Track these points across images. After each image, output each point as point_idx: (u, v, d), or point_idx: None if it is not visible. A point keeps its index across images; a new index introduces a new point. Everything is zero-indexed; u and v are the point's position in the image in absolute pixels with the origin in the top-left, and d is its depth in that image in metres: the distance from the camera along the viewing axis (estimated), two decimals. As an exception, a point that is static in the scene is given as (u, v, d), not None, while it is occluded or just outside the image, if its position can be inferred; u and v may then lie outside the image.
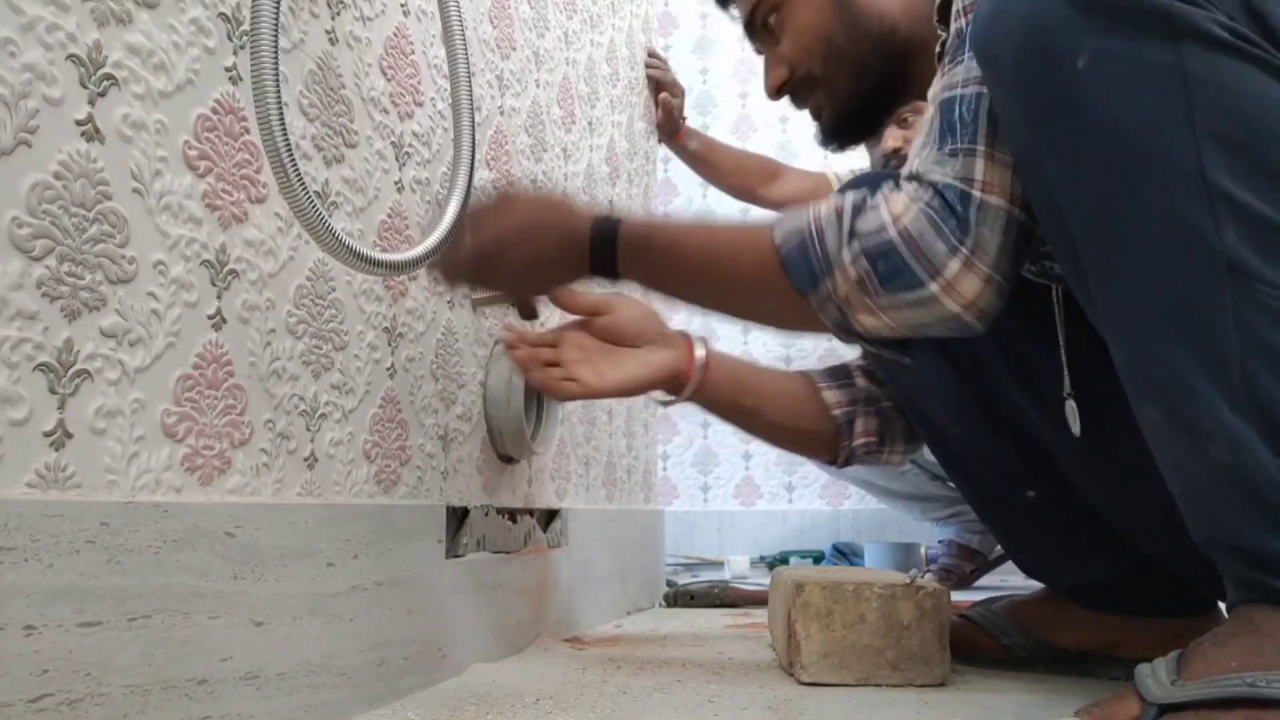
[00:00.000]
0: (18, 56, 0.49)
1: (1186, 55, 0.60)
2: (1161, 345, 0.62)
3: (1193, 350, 0.60)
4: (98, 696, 0.50)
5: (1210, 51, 0.60)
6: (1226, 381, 0.59)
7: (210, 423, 0.61)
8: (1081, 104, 0.63)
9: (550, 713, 0.74)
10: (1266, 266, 0.59)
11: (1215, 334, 0.60)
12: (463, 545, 0.93)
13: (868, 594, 0.87)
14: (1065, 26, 0.62)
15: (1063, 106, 0.63)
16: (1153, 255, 0.61)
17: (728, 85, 2.83)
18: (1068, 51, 0.62)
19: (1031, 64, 0.64)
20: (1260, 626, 0.59)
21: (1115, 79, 0.61)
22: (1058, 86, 0.63)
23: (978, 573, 2.05)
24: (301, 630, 0.66)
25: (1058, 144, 0.65)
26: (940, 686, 0.86)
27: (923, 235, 0.71)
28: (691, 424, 2.73)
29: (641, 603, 1.56)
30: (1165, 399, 0.62)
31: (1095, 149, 0.63)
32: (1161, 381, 0.62)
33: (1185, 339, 0.61)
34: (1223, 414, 0.59)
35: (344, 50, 0.78)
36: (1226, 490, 0.60)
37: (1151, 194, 0.61)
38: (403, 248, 0.85)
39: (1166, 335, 0.61)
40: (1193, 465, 0.62)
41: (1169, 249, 0.61)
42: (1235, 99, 0.60)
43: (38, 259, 0.49)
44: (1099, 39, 0.61)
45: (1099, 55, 0.61)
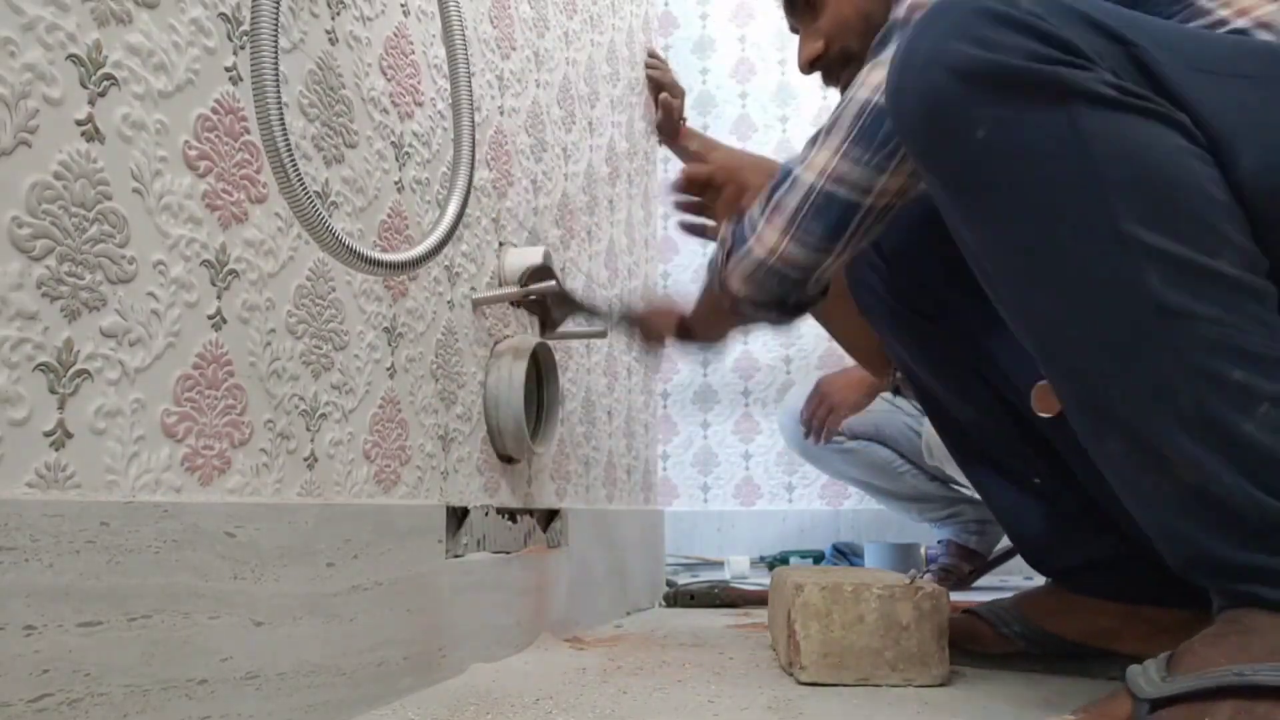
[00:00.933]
0: (18, 56, 0.49)
1: (1076, 115, 0.62)
2: (1112, 387, 0.63)
3: (1138, 387, 0.62)
4: (98, 696, 0.50)
5: (1099, 109, 0.62)
6: (1177, 410, 0.61)
7: (210, 423, 0.61)
8: (988, 173, 0.66)
9: (550, 713, 0.74)
10: (1196, 302, 0.60)
11: (1159, 373, 0.61)
12: (463, 545, 0.93)
13: (866, 595, 0.87)
14: (960, 101, 0.65)
15: (971, 177, 0.67)
16: (1083, 309, 0.64)
17: (728, 85, 2.83)
18: (966, 124, 0.65)
19: (934, 139, 0.68)
20: (1248, 626, 0.60)
21: (1016, 145, 0.64)
22: (963, 158, 0.66)
23: (976, 573, 2.05)
24: (301, 630, 0.66)
25: (972, 212, 0.68)
26: (940, 686, 0.86)
27: (753, 208, 0.91)
28: (691, 424, 2.73)
29: (641, 603, 1.56)
30: (1125, 431, 0.63)
31: (1008, 216, 0.66)
32: (1119, 416, 0.63)
33: (1129, 378, 0.62)
34: (1181, 442, 0.61)
35: (344, 50, 0.78)
36: (1197, 511, 0.61)
37: (1069, 253, 0.63)
38: (403, 248, 0.85)
39: (1115, 377, 0.63)
40: (1160, 492, 0.63)
41: (1096, 302, 0.63)
42: (1133, 149, 0.62)
43: (38, 259, 0.49)
44: (993, 109, 0.64)
45: (995, 125, 0.64)
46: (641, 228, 1.78)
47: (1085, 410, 0.66)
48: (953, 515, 2.07)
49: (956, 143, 0.66)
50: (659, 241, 2.33)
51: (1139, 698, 0.60)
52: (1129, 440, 0.63)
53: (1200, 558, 0.62)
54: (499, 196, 1.10)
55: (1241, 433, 0.59)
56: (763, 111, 2.80)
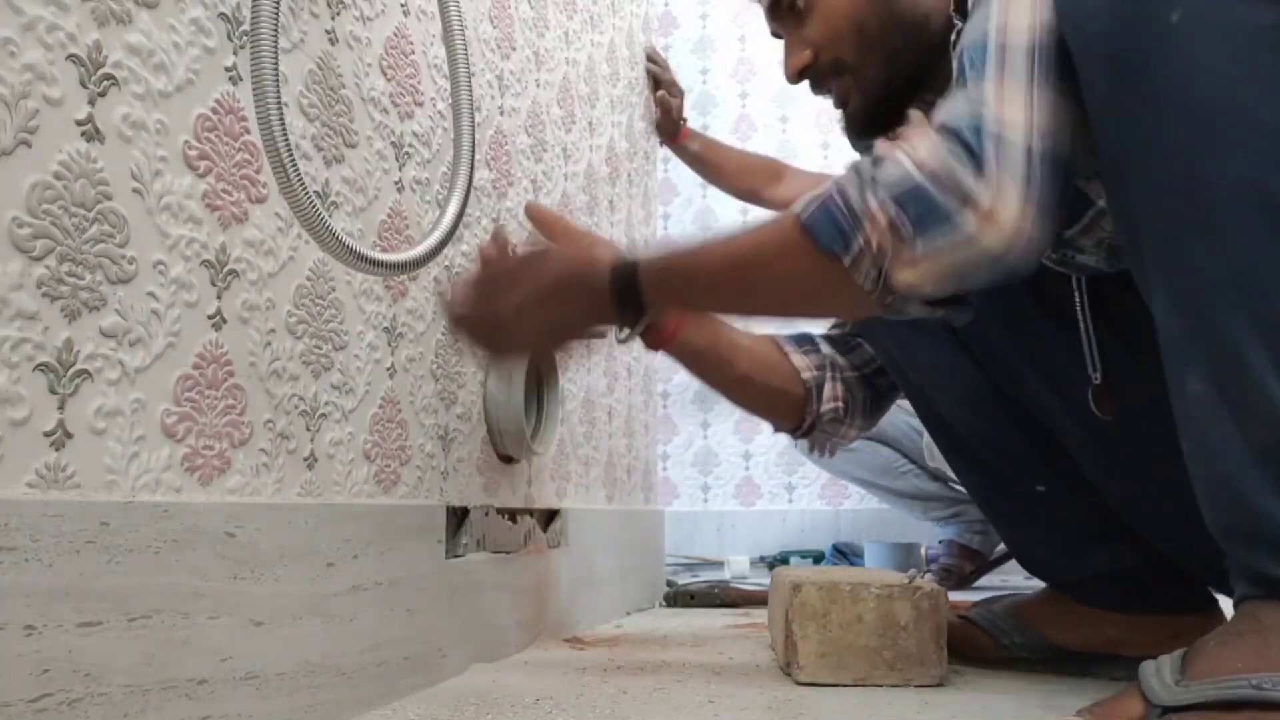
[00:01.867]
0: (18, 56, 0.49)
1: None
2: (1219, 312, 0.61)
3: (1250, 315, 0.60)
4: (98, 696, 0.50)
5: None
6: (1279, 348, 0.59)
7: (210, 423, 0.61)
8: (1171, 57, 0.61)
9: (550, 713, 0.74)
10: None
11: (1274, 298, 0.59)
12: (463, 545, 0.93)
13: (864, 594, 0.87)
14: None
15: (1151, 59, 0.62)
16: (1223, 216, 0.60)
17: (728, 85, 2.83)
18: (1162, 3, 0.61)
19: (1124, 15, 0.63)
20: (1267, 625, 0.59)
21: (1208, 34, 0.60)
22: (1148, 38, 0.62)
23: (977, 573, 2.05)
24: (301, 630, 0.66)
25: (1138, 96, 0.63)
26: (939, 686, 0.86)
27: (949, 170, 0.67)
28: (691, 424, 2.73)
29: (641, 603, 1.56)
30: (1214, 368, 0.61)
31: (1179, 103, 0.62)
32: (1213, 349, 0.61)
33: (1244, 303, 0.60)
34: (1271, 385, 0.59)
35: (344, 50, 0.78)
36: (1262, 470, 0.59)
37: (1227, 151, 0.60)
38: (403, 248, 0.85)
39: (1226, 301, 0.60)
40: (1231, 443, 0.61)
41: (1238, 209, 0.60)
42: None
43: (38, 259, 0.49)
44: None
45: (1194, 9, 0.60)
46: (641, 227, 1.78)
47: (1182, 339, 0.63)
48: (955, 515, 2.07)
49: (1147, 21, 0.61)
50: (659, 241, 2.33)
51: (1152, 702, 0.59)
52: (1216, 381, 0.61)
53: (1250, 521, 0.60)
54: (499, 196, 1.10)
55: None
56: (763, 111, 2.80)
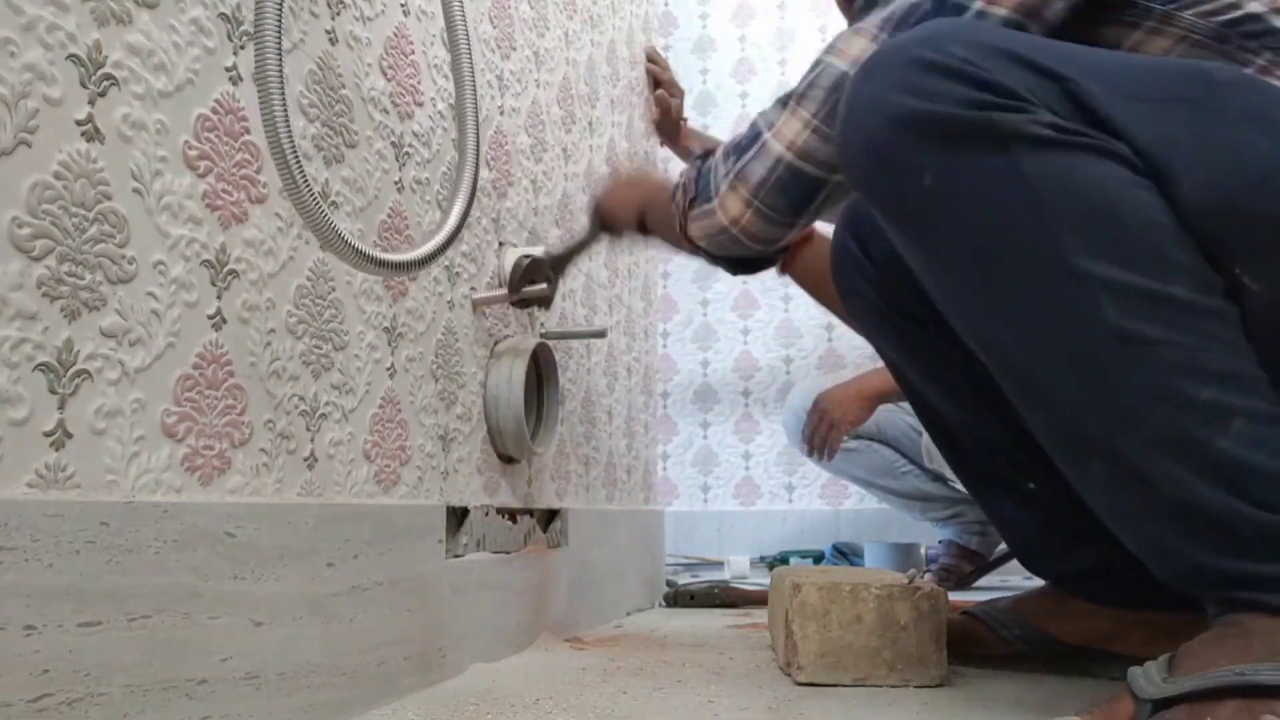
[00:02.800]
0: (18, 56, 0.49)
1: (1017, 158, 0.63)
2: (1087, 416, 0.64)
3: (1111, 415, 0.63)
4: (98, 696, 0.50)
5: (1039, 150, 0.63)
6: (1153, 433, 0.61)
7: (210, 423, 0.61)
8: (937, 218, 0.67)
9: (550, 713, 0.74)
10: (1154, 328, 0.61)
11: (1128, 398, 0.62)
12: (463, 545, 0.93)
13: (865, 594, 0.87)
14: (903, 150, 0.66)
15: (920, 222, 0.68)
16: (1044, 345, 0.65)
17: (728, 85, 2.83)
18: (912, 172, 0.66)
19: (881, 185, 0.70)
20: (1249, 628, 0.60)
21: (961, 191, 0.65)
22: (912, 204, 0.68)
23: (977, 573, 2.05)
24: (301, 630, 0.66)
25: (925, 254, 0.70)
26: (939, 687, 0.86)
27: (719, 161, 0.88)
28: (691, 424, 2.73)
29: (641, 603, 1.56)
30: (1106, 453, 0.64)
31: (960, 259, 0.67)
32: (1098, 441, 0.64)
33: (1102, 409, 0.63)
34: (1161, 462, 0.61)
35: (344, 50, 0.78)
36: (1185, 527, 0.62)
37: (1024, 292, 0.64)
38: (403, 248, 0.85)
39: (1089, 407, 0.64)
40: (1147, 510, 0.64)
41: (1057, 337, 0.64)
42: (1076, 185, 0.63)
43: (38, 259, 0.49)
44: (935, 158, 0.65)
45: (941, 172, 0.65)
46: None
47: (1062, 440, 0.68)
48: (954, 515, 2.07)
49: (903, 190, 0.68)
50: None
51: (1141, 698, 0.61)
52: (1110, 463, 0.64)
53: (1194, 571, 0.63)
54: (499, 196, 1.10)
55: (1219, 449, 0.60)
56: (763, 111, 2.80)
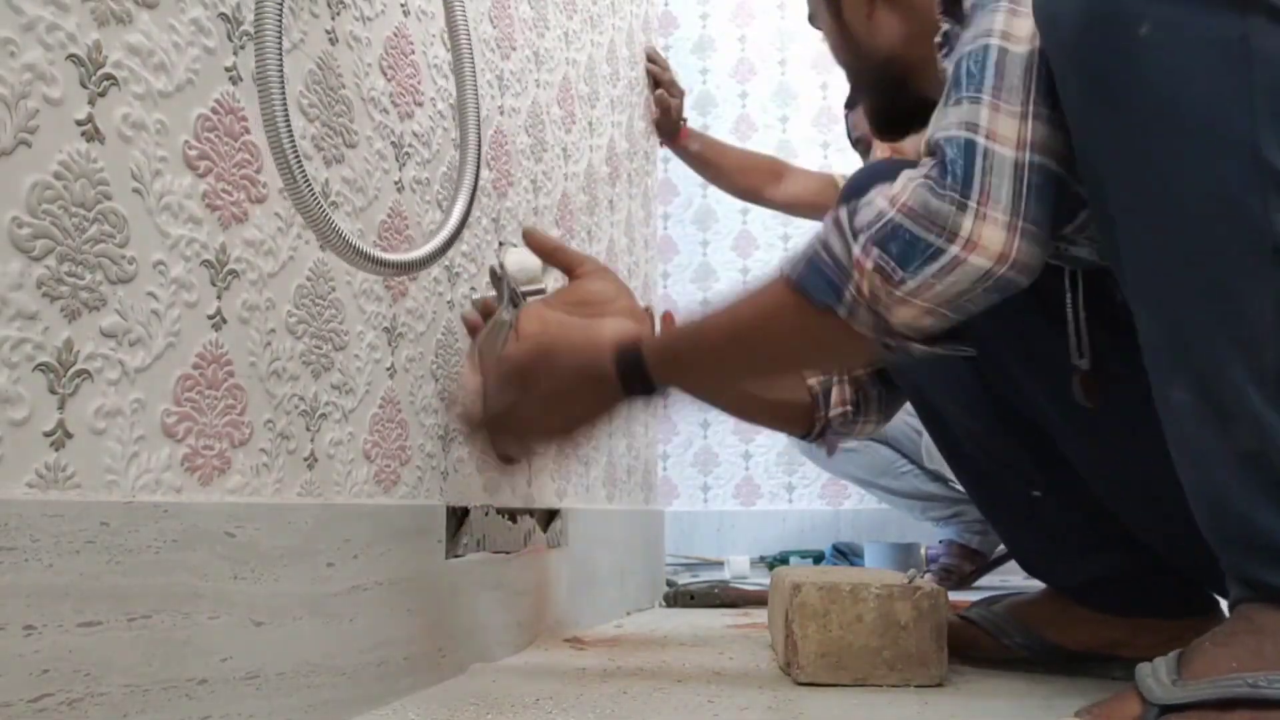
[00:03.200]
0: (18, 56, 0.49)
1: (1253, 29, 0.59)
2: (1198, 325, 0.61)
3: (1229, 332, 0.60)
4: (98, 696, 0.50)
5: (1275, 25, 0.59)
6: (1259, 366, 0.59)
7: (210, 423, 0.61)
8: (1141, 72, 0.61)
9: (550, 713, 0.74)
10: None
11: (1253, 317, 0.59)
12: (463, 545, 0.93)
13: (865, 594, 0.87)
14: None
15: (1121, 73, 0.62)
16: (1197, 232, 0.61)
17: (728, 85, 2.83)
18: (1131, 18, 0.61)
19: (1093, 29, 0.63)
20: (1261, 626, 0.59)
21: (1177, 48, 0.60)
22: (1118, 53, 0.62)
23: (977, 573, 2.05)
24: (301, 630, 0.66)
25: (1112, 112, 0.63)
26: (939, 687, 0.86)
27: (925, 203, 0.67)
28: (691, 424, 2.73)
29: (641, 603, 1.56)
30: (1197, 380, 0.61)
31: (1150, 118, 0.62)
32: (1195, 362, 0.61)
33: (1222, 320, 0.60)
34: (1252, 400, 0.59)
35: (344, 50, 0.78)
36: (1247, 478, 0.60)
37: (1202, 168, 0.60)
38: (403, 248, 0.85)
39: (1204, 315, 0.61)
40: (1216, 451, 0.61)
41: (1214, 227, 0.60)
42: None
43: (38, 259, 0.49)
44: (1164, 6, 0.60)
45: (1163, 23, 0.60)
46: (641, 227, 1.78)
47: (1163, 349, 0.64)
48: (955, 515, 2.07)
49: (1116, 36, 0.61)
50: (659, 241, 2.33)
51: (1149, 701, 0.60)
52: (1198, 390, 0.61)
53: (1238, 527, 0.61)
54: (499, 196, 1.10)
55: None
56: (763, 111, 2.80)
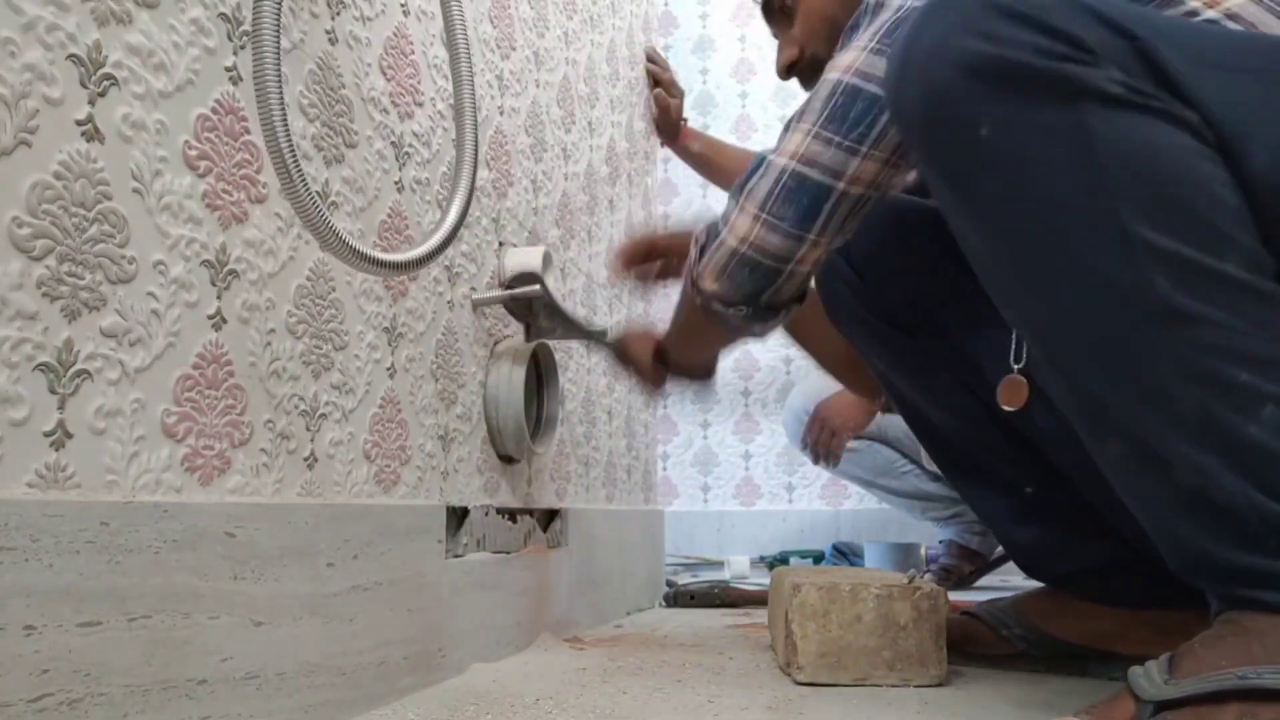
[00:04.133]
0: (18, 56, 0.49)
1: (1084, 114, 0.61)
2: (1110, 392, 0.63)
3: (1139, 391, 0.61)
4: (98, 696, 0.50)
5: (1108, 109, 0.60)
6: (1176, 415, 0.60)
7: (210, 423, 0.61)
8: (991, 171, 0.64)
9: (550, 713, 0.74)
10: (1203, 305, 0.59)
11: (1161, 377, 0.60)
12: (463, 545, 0.93)
13: (864, 594, 0.87)
14: (964, 97, 0.63)
15: (974, 175, 0.65)
16: (1087, 311, 0.62)
17: (728, 85, 2.83)
18: (969, 120, 0.63)
19: (937, 135, 0.66)
20: (1248, 628, 0.60)
21: (1020, 144, 0.62)
22: (965, 155, 0.64)
23: (977, 573, 2.05)
24: (301, 630, 0.66)
25: (975, 210, 0.66)
26: (939, 686, 0.86)
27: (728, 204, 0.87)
28: (691, 424, 2.73)
29: (641, 603, 1.56)
30: (1124, 433, 0.63)
31: (1012, 215, 0.64)
32: (1118, 419, 0.63)
33: (1129, 382, 0.62)
34: (1181, 446, 0.60)
35: (344, 50, 0.78)
36: (1197, 514, 0.61)
37: (1075, 254, 0.62)
38: (403, 248, 0.85)
39: (1113, 382, 0.62)
40: (1160, 494, 0.63)
41: (1102, 304, 0.62)
42: (1141, 149, 0.60)
43: (38, 259, 0.49)
44: (998, 107, 0.62)
45: (1001, 123, 0.62)
46: (641, 227, 1.78)
47: (1085, 412, 0.66)
48: (955, 515, 2.07)
49: (960, 140, 0.64)
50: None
51: (1142, 700, 0.60)
52: (1128, 443, 0.63)
53: (1200, 560, 0.62)
54: (499, 196, 1.10)
55: (1246, 435, 0.59)
56: (763, 111, 2.80)
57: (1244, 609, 0.61)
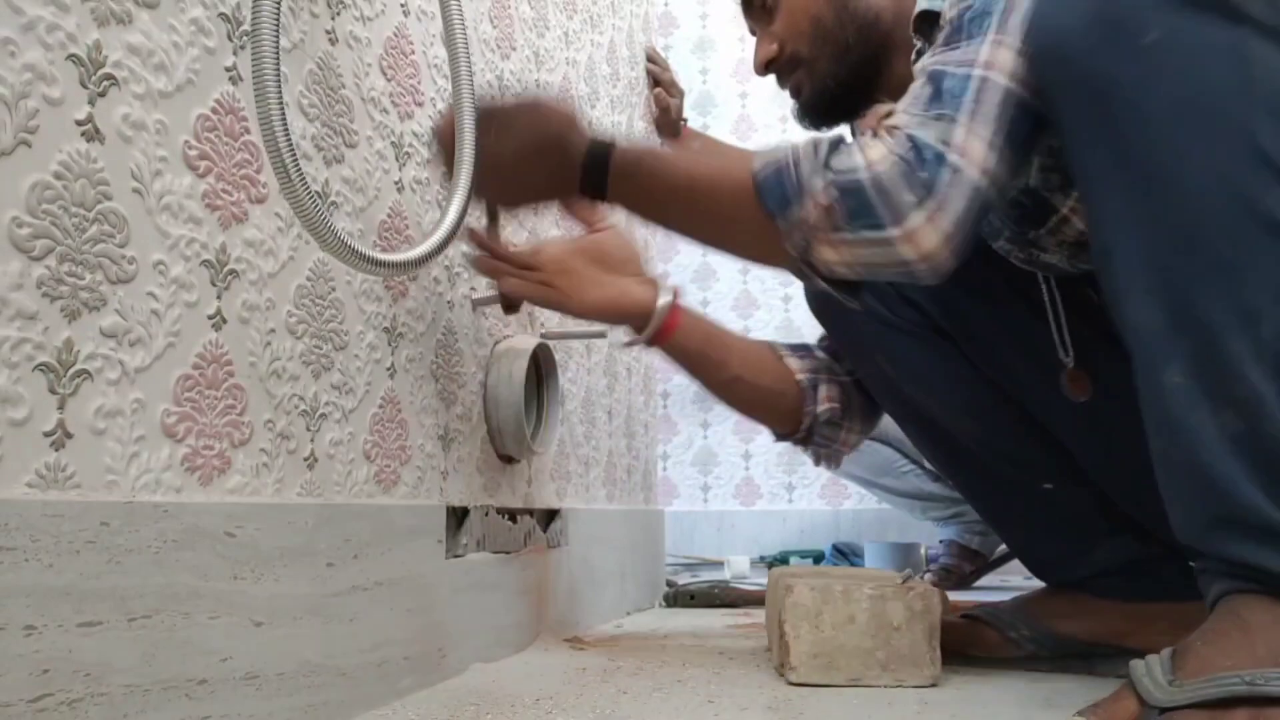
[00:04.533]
0: (18, 56, 0.49)
1: (1245, 37, 0.64)
2: (1198, 302, 0.64)
3: (1229, 304, 0.63)
4: (98, 696, 0.50)
5: (1266, 38, 0.64)
6: (1257, 337, 0.62)
7: (210, 423, 0.61)
8: (1149, 72, 0.66)
9: (550, 713, 0.74)
10: None
11: (1251, 289, 0.63)
12: (463, 545, 0.93)
13: (857, 594, 0.87)
14: (1135, 5, 0.66)
15: (1128, 79, 0.67)
16: (1198, 213, 0.65)
17: (728, 85, 2.83)
18: (1138, 26, 0.66)
19: (1102, 40, 0.67)
20: (1249, 622, 0.60)
21: (1182, 51, 0.65)
22: (1128, 58, 0.66)
23: (977, 573, 2.05)
24: (301, 630, 0.66)
25: (1117, 115, 0.68)
26: (933, 687, 0.86)
27: (893, 182, 0.75)
28: (691, 424, 2.73)
29: (641, 603, 1.56)
30: (1192, 358, 0.64)
31: (1157, 113, 0.66)
32: (1194, 340, 0.64)
33: (1222, 293, 0.63)
34: (1249, 373, 0.62)
35: (344, 50, 0.78)
36: (1237, 457, 0.62)
37: (1204, 154, 0.64)
38: (403, 248, 0.85)
39: (1204, 291, 0.64)
40: (1205, 431, 0.63)
41: (1216, 206, 0.64)
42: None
43: (38, 259, 0.49)
44: (1166, 17, 0.65)
45: (1166, 32, 0.65)
46: (641, 227, 1.78)
47: (1158, 333, 0.67)
48: (955, 515, 2.07)
49: (1124, 43, 0.66)
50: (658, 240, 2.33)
51: (1149, 703, 0.60)
52: (1194, 369, 0.64)
53: (1226, 510, 0.63)
54: (499, 196, 1.09)
55: None
56: (763, 111, 2.80)
57: (1246, 593, 0.61)
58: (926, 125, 0.75)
